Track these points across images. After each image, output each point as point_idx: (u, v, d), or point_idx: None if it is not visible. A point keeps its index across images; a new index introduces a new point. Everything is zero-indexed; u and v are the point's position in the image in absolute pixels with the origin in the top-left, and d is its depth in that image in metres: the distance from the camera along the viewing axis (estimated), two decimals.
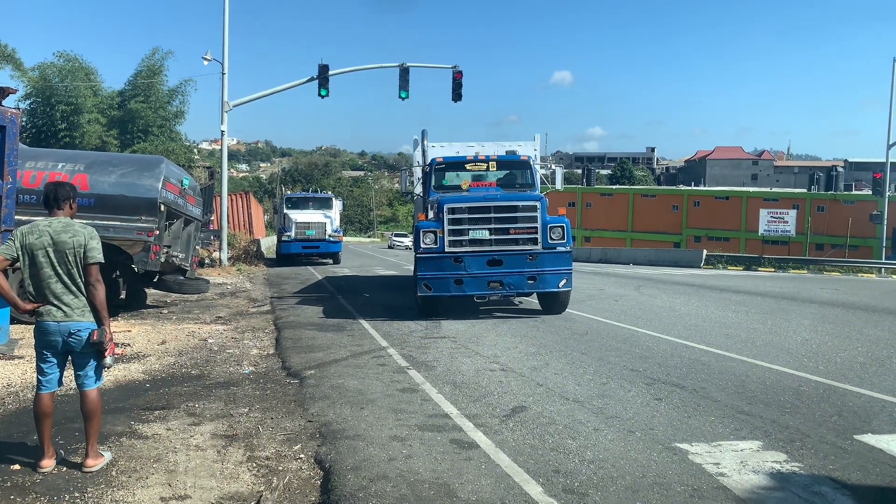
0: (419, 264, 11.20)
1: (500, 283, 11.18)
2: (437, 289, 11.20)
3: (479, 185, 13.01)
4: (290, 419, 5.87)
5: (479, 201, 11.45)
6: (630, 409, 6.04)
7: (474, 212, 11.29)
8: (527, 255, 11.18)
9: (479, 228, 11.24)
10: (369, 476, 4.48)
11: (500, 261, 11.14)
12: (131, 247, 10.72)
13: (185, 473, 4.57)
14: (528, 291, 11.63)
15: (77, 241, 4.48)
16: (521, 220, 11.30)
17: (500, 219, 11.26)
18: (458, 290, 11.15)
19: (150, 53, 30.19)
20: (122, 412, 6.00)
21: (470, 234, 11.23)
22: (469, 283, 11.13)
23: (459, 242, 11.18)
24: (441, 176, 13.14)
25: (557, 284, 11.36)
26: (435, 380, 7.20)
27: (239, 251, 26.95)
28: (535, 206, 11.38)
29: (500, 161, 13.35)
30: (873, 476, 4.46)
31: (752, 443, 5.10)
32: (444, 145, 14.71)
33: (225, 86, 24.08)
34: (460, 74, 24.91)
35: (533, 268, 11.19)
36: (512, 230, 11.28)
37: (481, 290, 11.23)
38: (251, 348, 9.25)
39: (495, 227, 11.24)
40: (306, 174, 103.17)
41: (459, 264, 11.08)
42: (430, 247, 11.15)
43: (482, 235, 11.24)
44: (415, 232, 11.19)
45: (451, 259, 11.09)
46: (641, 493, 4.18)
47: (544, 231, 11.27)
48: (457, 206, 11.27)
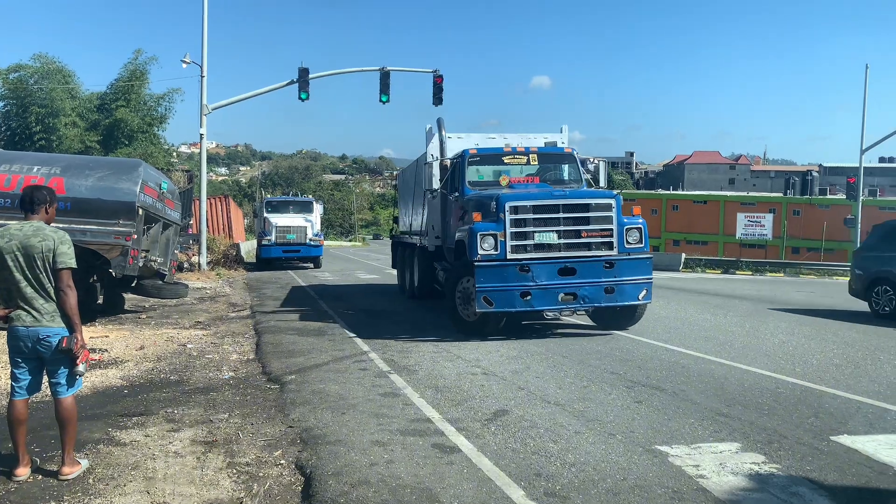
0: (479, 274, 9.28)
1: (573, 296, 9.46)
2: (501, 304, 9.35)
3: (520, 180, 11.32)
4: (270, 425, 5.82)
5: (545, 199, 9.86)
6: (611, 412, 6.07)
7: (540, 211, 9.66)
8: (603, 263, 9.53)
9: (547, 231, 9.60)
10: (351, 481, 4.46)
11: (573, 269, 9.43)
12: (109, 251, 10.59)
13: (164, 480, 4.52)
14: (605, 305, 9.81)
15: (46, 246, 4.40)
16: (595, 220, 9.71)
17: (570, 219, 9.65)
18: (526, 304, 9.40)
19: (134, 57, 29.87)
20: (99, 419, 5.92)
21: (536, 237, 9.58)
22: (538, 296, 9.37)
23: (523, 248, 9.53)
24: (476, 170, 11.47)
25: (637, 296, 9.72)
26: (416, 384, 7.19)
27: (218, 255, 26.72)
28: (610, 204, 9.80)
29: (542, 153, 11.79)
30: (849, 476, 4.53)
31: (730, 444, 5.16)
32: (461, 136, 13.01)
33: (204, 89, 23.90)
34: (441, 79, 24.92)
35: (611, 277, 9.53)
36: (584, 233, 9.67)
37: (552, 304, 9.50)
38: (231, 353, 9.17)
39: (564, 230, 9.62)
40: (287, 178, 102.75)
41: (526, 274, 9.32)
42: (489, 253, 9.39)
43: (550, 239, 9.59)
44: (469, 235, 9.54)
45: (516, 268, 9.33)
46: (622, 496, 4.21)
47: (620, 233, 9.72)
48: (520, 205, 9.59)
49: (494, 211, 9.65)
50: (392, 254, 19.34)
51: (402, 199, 18.48)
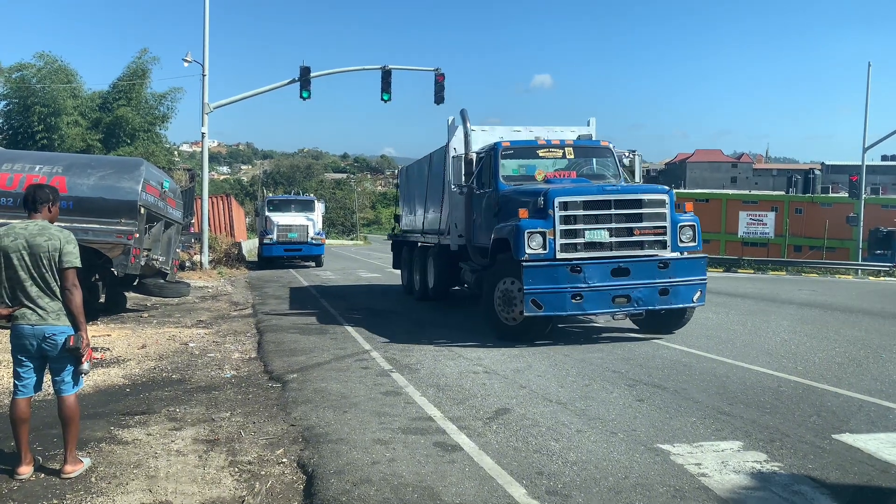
0: (527, 275, 8.68)
1: (626, 299, 8.92)
2: (551, 307, 8.77)
3: (556, 175, 10.79)
4: (272, 423, 5.83)
5: (597, 194, 9.26)
6: (612, 411, 6.07)
7: (592, 207, 9.09)
8: (657, 263, 9.04)
9: (598, 228, 9.05)
10: (353, 480, 4.47)
11: (626, 270, 8.89)
12: (111, 250, 10.60)
13: (166, 479, 4.53)
14: (659, 308, 9.31)
15: (52, 245, 4.42)
16: (648, 217, 9.18)
17: (622, 216, 9.12)
18: (577, 307, 8.88)
19: (138, 56, 29.89)
20: (101, 417, 5.93)
21: (586, 235, 9.05)
22: (590, 298, 8.81)
23: (573, 246, 9.00)
24: (511, 164, 10.81)
25: (691, 298, 9.21)
26: (418, 382, 7.19)
27: (220, 254, 26.73)
28: (664, 200, 9.28)
29: (578, 147, 11.20)
30: (851, 475, 4.52)
31: (732, 443, 5.15)
32: (485, 129, 12.38)
33: (205, 87, 23.88)
34: (442, 77, 24.88)
35: (665, 278, 9.01)
36: (637, 230, 9.15)
37: (605, 307, 8.97)
38: (233, 352, 9.18)
39: (616, 227, 9.09)
40: (288, 176, 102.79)
41: (578, 275, 8.75)
42: (536, 252, 8.81)
43: (601, 237, 9.05)
44: (515, 233, 8.92)
45: (566, 268, 8.75)
46: (624, 495, 4.21)
47: (674, 231, 9.24)
48: (570, 201, 9.03)
49: (542, 207, 9.04)
50: (394, 254, 18.61)
51: (407, 197, 17.70)
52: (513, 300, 9.35)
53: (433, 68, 25.25)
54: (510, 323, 9.50)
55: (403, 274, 17.25)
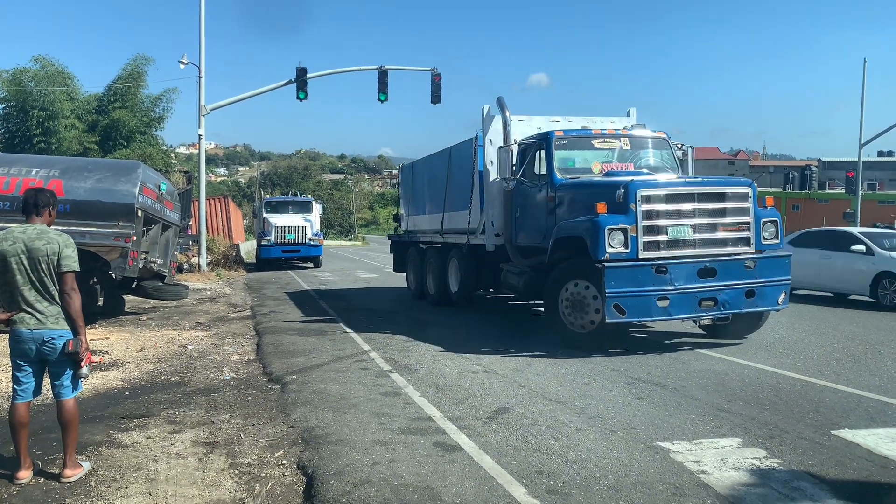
0: (609, 277, 7.93)
1: (713, 302, 8.26)
2: (635, 312, 8.09)
3: (614, 167, 10.03)
4: (271, 425, 5.83)
5: (680, 186, 8.59)
6: (612, 409, 6.08)
7: (674, 201, 8.40)
8: (744, 262, 8.46)
9: (681, 224, 8.37)
10: (353, 481, 4.47)
11: (713, 270, 8.27)
12: (108, 253, 10.58)
13: (166, 482, 4.52)
14: (745, 312, 8.66)
15: (51, 249, 4.41)
16: (731, 212, 8.58)
17: (705, 211, 8.47)
18: (663, 312, 8.18)
19: (133, 60, 29.87)
20: (100, 421, 5.92)
21: (669, 232, 8.35)
22: (676, 301, 8.13)
23: (655, 244, 8.29)
24: (565, 155, 9.96)
25: (777, 300, 8.60)
26: (418, 383, 7.19)
27: (218, 256, 26.70)
28: (747, 193, 8.67)
29: (634, 137, 10.47)
30: (851, 470, 4.53)
31: (732, 440, 5.16)
32: (522, 119, 11.41)
33: (202, 89, 23.86)
34: (439, 77, 24.86)
35: (751, 279, 8.43)
36: (720, 227, 8.53)
37: (691, 311, 8.29)
38: (232, 354, 9.17)
39: (699, 223, 8.43)
40: (285, 178, 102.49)
41: (663, 276, 8.06)
42: (618, 251, 8.08)
43: (684, 234, 8.37)
44: (593, 230, 8.13)
45: (651, 269, 8.07)
46: (624, 493, 4.21)
47: (758, 227, 8.63)
48: (653, 194, 8.32)
49: (622, 201, 8.25)
50: (395, 256, 17.68)
51: (414, 195, 16.42)
52: (584, 305, 8.53)
53: (430, 68, 25.24)
54: (580, 330, 8.67)
55: (410, 277, 16.37)
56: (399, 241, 17.48)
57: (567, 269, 8.85)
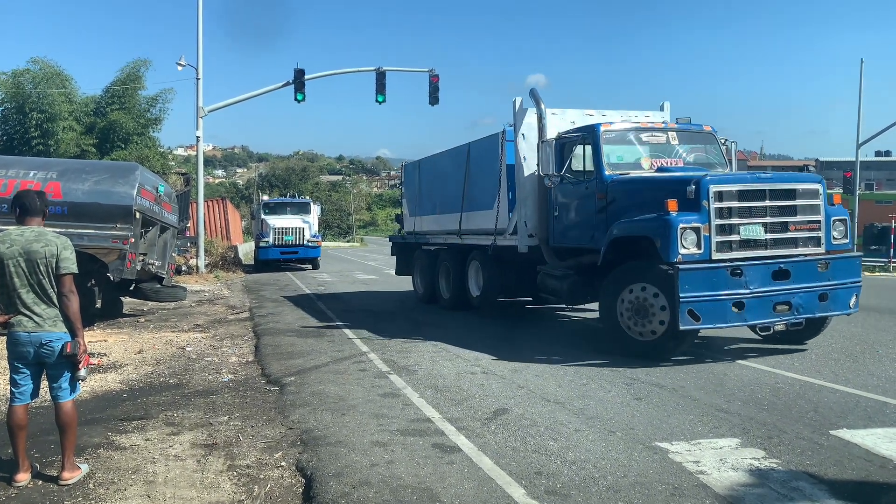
0: (683, 280, 7.40)
1: (787, 306, 7.80)
2: (710, 318, 7.56)
3: (664, 163, 9.47)
4: (270, 427, 5.83)
5: (751, 182, 8.09)
6: (610, 410, 6.08)
7: (746, 198, 7.94)
8: (817, 264, 8.02)
9: (753, 223, 7.90)
10: (351, 482, 4.47)
11: (787, 272, 7.81)
12: (106, 255, 10.58)
13: (165, 484, 4.52)
14: (818, 316, 8.23)
15: (49, 251, 4.41)
16: (801, 210, 8.12)
17: (775, 209, 8.01)
18: (738, 318, 7.68)
19: (131, 63, 29.91)
20: (98, 423, 5.92)
21: (741, 231, 7.87)
22: (752, 306, 7.64)
23: (728, 245, 7.81)
24: (611, 150, 9.27)
25: (848, 304, 8.21)
26: (416, 384, 7.19)
27: (216, 258, 26.67)
28: (817, 190, 8.25)
29: (681, 131, 9.89)
30: (849, 470, 4.54)
31: (730, 440, 5.17)
32: (556, 112, 10.56)
33: (200, 91, 23.87)
34: (437, 78, 24.88)
35: (824, 281, 8.00)
36: (791, 225, 8.07)
37: (765, 316, 7.78)
38: (230, 356, 9.17)
39: (771, 222, 7.98)
40: (284, 179, 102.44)
41: (738, 279, 7.57)
42: (691, 252, 7.58)
43: (756, 234, 7.90)
44: (664, 228, 7.63)
45: (726, 271, 7.58)
46: (623, 493, 4.22)
47: (828, 226, 8.23)
48: (725, 190, 7.83)
49: (693, 198, 7.75)
50: (398, 258, 16.87)
51: (424, 195, 15.45)
52: (646, 311, 7.97)
53: (427, 69, 25.26)
54: (643, 338, 8.09)
55: (416, 281, 15.60)
56: (403, 244, 16.75)
57: (627, 271, 8.29)
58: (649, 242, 7.89)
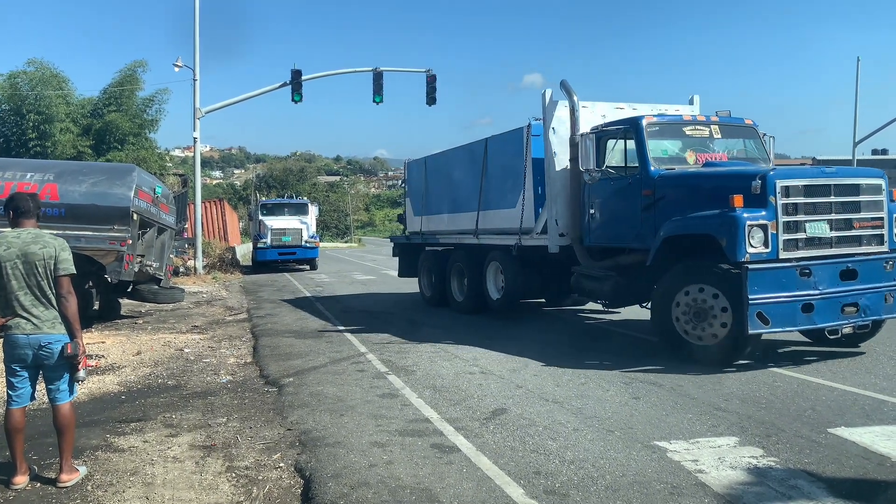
0: (752, 280, 7.04)
1: (855, 307, 7.50)
2: (779, 321, 7.18)
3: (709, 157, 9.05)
4: (269, 428, 5.82)
5: (816, 177, 7.74)
6: (609, 409, 6.09)
7: (811, 193, 7.57)
8: (884, 263, 7.72)
9: (818, 220, 7.54)
10: (350, 483, 4.47)
11: (854, 271, 7.51)
12: (104, 257, 10.57)
13: (163, 486, 4.51)
14: (884, 318, 7.92)
15: (47, 253, 4.41)
16: (865, 206, 7.78)
17: (839, 205, 7.67)
18: (807, 321, 7.34)
19: (130, 66, 29.89)
20: (97, 425, 5.91)
21: (807, 228, 7.50)
22: (821, 308, 7.31)
23: (794, 243, 7.42)
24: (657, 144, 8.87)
25: None
26: (415, 384, 7.19)
27: (214, 259, 26.66)
28: (881, 185, 7.93)
29: (724, 125, 9.43)
30: (847, 468, 4.54)
31: (729, 439, 5.17)
32: (585, 105, 10.15)
33: (196, 92, 23.84)
34: (434, 78, 24.88)
35: (890, 281, 7.74)
36: (856, 223, 7.73)
37: (834, 318, 7.44)
38: (228, 357, 9.16)
39: (836, 219, 7.63)
40: (281, 180, 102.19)
41: (807, 279, 7.24)
42: (758, 251, 7.19)
43: (822, 231, 7.53)
44: (731, 225, 7.22)
45: (795, 270, 7.24)
46: (622, 492, 4.22)
47: (890, 224, 7.92)
48: (792, 185, 7.44)
49: (759, 193, 7.34)
50: (401, 260, 16.26)
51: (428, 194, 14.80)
52: (706, 314, 7.60)
53: (424, 69, 25.25)
54: (700, 343, 7.72)
55: (423, 282, 14.98)
56: (407, 244, 16.07)
57: (683, 272, 7.90)
58: (708, 241, 7.54)
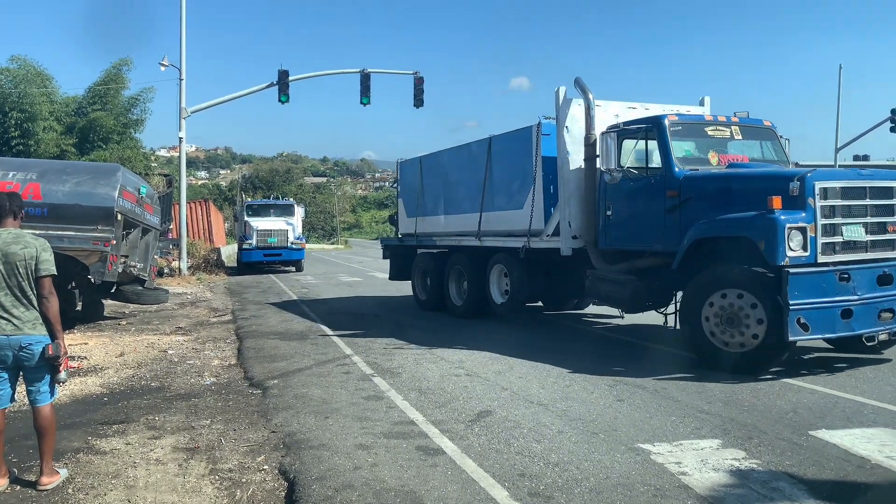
0: (793, 285, 6.85)
1: (891, 313, 7.39)
2: (819, 327, 7.01)
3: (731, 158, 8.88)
4: (253, 430, 5.79)
5: (854, 179, 7.62)
6: (593, 411, 6.11)
7: (849, 196, 7.43)
8: None
9: (855, 223, 7.41)
10: (335, 486, 4.45)
11: (890, 276, 7.40)
12: (87, 257, 10.47)
13: (146, 489, 4.48)
14: None
15: (28, 253, 4.37)
16: None
17: (874, 208, 7.55)
18: (846, 327, 7.12)
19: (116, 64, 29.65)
20: (78, 427, 5.85)
21: (844, 232, 7.36)
22: (859, 314, 7.14)
23: (832, 247, 7.27)
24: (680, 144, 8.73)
25: None
26: (400, 387, 7.18)
27: (199, 260, 26.48)
28: None
29: (744, 126, 9.25)
30: (828, 470, 4.59)
31: (711, 441, 5.21)
32: (599, 104, 9.76)
33: (183, 92, 23.68)
34: (421, 80, 24.89)
35: None
36: (889, 227, 7.60)
37: (871, 325, 7.30)
38: (212, 359, 9.10)
39: (870, 222, 7.51)
40: (267, 181, 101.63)
41: (846, 284, 7.10)
42: (797, 255, 7.01)
43: (858, 235, 7.40)
44: (770, 228, 7.01)
45: (834, 275, 7.09)
46: (605, 495, 4.24)
47: None
48: (830, 187, 7.29)
49: (797, 194, 7.15)
50: (393, 262, 15.79)
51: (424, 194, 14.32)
52: (739, 320, 7.35)
53: (412, 71, 25.26)
54: (733, 350, 7.45)
55: (417, 285, 14.57)
56: (400, 246, 15.61)
57: (715, 276, 7.65)
58: (739, 244, 7.40)
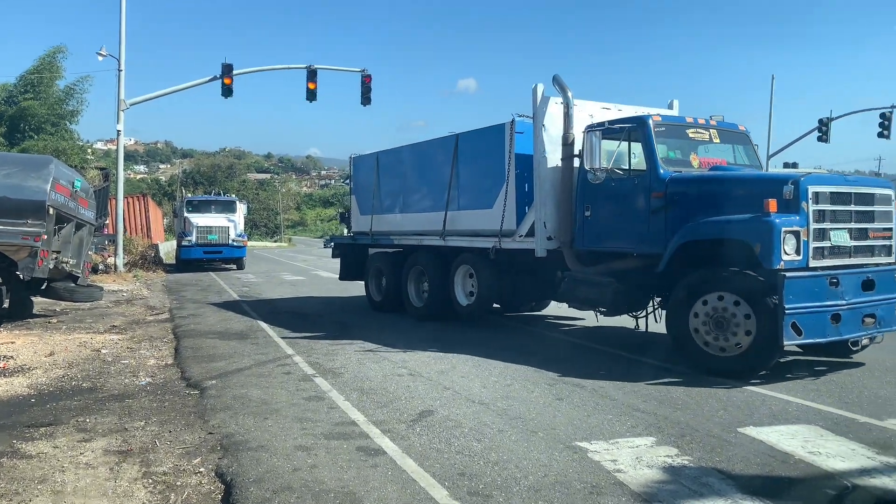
0: (789, 289, 6.82)
1: (873, 318, 7.49)
2: (811, 331, 7.04)
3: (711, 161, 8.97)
4: (189, 432, 5.67)
5: (840, 184, 7.68)
6: (533, 410, 6.20)
7: (837, 201, 7.53)
8: (894, 273, 7.77)
9: (841, 228, 7.55)
10: (273, 488, 4.40)
11: (872, 282, 7.49)
12: (16, 252, 10.06)
13: (74, 494, 4.33)
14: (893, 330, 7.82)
15: None
16: (878, 216, 7.84)
17: (858, 213, 7.68)
18: (835, 331, 7.20)
19: (50, 52, 28.52)
20: (3, 430, 5.62)
21: (832, 237, 7.49)
22: (846, 319, 7.22)
23: (821, 251, 7.38)
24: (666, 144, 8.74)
25: None
26: (342, 387, 7.14)
27: (136, 256, 25.75)
28: (890, 196, 7.97)
29: (721, 130, 9.35)
30: (755, 466, 4.78)
31: (646, 439, 5.35)
32: (576, 104, 9.54)
33: (121, 83, 22.99)
34: (369, 79, 24.76)
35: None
36: (871, 232, 7.79)
37: (856, 329, 7.44)
38: (148, 358, 8.86)
39: (854, 228, 7.66)
40: (209, 176, 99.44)
41: (835, 288, 7.14)
42: (792, 259, 7.07)
43: (843, 240, 7.55)
44: (766, 231, 7.05)
45: (825, 279, 7.13)
46: (543, 493, 4.31)
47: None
48: (821, 192, 7.40)
49: (791, 198, 7.24)
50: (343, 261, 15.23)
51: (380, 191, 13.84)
52: (728, 323, 7.36)
53: (360, 69, 25.10)
54: (723, 354, 7.47)
55: (372, 286, 14.10)
56: (353, 245, 15.03)
57: (703, 279, 7.62)
58: (728, 247, 7.41)
